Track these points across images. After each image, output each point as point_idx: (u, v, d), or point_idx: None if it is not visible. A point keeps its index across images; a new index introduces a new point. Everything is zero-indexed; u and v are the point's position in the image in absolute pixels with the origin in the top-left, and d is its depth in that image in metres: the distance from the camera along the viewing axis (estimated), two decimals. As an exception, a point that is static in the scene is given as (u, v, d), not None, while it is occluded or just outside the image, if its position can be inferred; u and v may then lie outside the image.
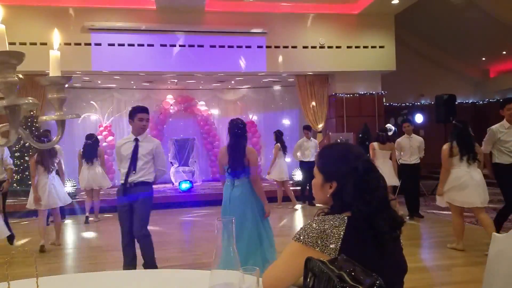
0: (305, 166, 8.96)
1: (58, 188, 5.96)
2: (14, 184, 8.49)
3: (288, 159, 9.49)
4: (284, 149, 8.99)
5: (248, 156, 3.97)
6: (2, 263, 1.37)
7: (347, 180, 1.44)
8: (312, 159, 8.57)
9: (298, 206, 8.99)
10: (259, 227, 4.02)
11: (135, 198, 4.26)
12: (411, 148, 7.35)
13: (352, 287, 0.95)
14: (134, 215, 4.23)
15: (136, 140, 4.29)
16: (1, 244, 5.91)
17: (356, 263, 1.08)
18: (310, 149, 9.00)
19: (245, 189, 4.02)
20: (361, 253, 1.29)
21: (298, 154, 9.10)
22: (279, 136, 9.07)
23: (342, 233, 1.35)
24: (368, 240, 1.35)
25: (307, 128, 9.46)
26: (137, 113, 4.29)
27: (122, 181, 4.26)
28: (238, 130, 4.00)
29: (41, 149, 5.24)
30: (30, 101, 0.99)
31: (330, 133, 10.74)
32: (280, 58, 10.39)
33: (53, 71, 1.16)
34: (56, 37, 1.24)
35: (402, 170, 7.40)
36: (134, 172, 4.22)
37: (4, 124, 1.07)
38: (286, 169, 9.03)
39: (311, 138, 9.34)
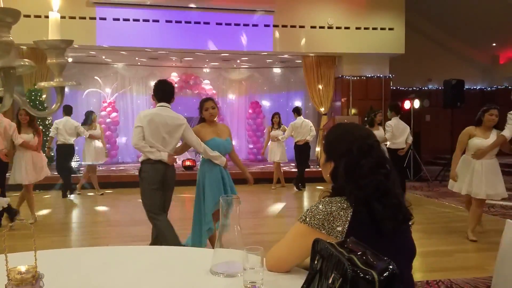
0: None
1: None
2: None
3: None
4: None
5: None
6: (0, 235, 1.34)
7: (341, 161, 1.38)
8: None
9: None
10: None
11: None
12: None
13: (364, 271, 0.90)
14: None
15: None
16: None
17: (367, 246, 1.03)
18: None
19: None
20: (369, 236, 1.23)
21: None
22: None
23: (349, 215, 1.30)
24: (371, 224, 1.29)
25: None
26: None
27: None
28: None
29: None
30: (26, 63, 0.92)
31: (335, 116, 10.64)
32: (287, 38, 10.22)
33: (53, 35, 1.09)
34: (56, -2, 1.17)
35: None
36: None
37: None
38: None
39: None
